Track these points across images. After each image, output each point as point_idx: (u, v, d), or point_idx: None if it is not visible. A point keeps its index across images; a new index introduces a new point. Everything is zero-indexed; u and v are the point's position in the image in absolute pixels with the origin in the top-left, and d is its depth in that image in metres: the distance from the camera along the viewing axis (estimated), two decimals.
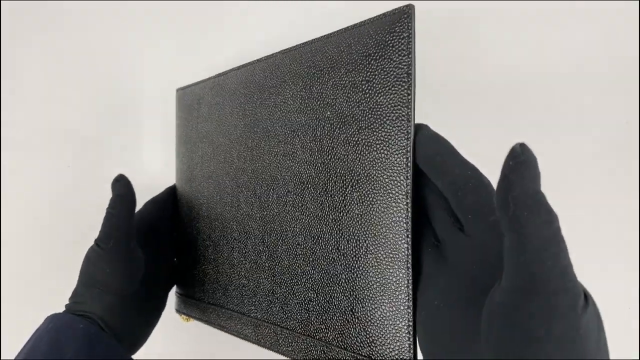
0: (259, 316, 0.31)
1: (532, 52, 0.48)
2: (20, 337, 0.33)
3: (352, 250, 0.25)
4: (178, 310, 0.41)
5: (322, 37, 0.28)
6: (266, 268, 0.31)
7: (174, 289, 0.42)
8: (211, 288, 0.36)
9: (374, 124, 0.24)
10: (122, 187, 0.34)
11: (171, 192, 0.42)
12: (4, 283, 0.54)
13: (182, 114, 0.42)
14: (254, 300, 0.32)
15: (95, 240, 0.34)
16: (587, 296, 0.18)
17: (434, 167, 0.22)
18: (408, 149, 0.23)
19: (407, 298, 0.23)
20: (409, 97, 0.23)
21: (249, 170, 0.32)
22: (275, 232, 0.30)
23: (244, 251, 0.33)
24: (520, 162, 0.17)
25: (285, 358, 0.29)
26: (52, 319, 0.32)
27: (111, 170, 0.37)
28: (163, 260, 0.39)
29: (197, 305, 0.38)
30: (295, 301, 0.28)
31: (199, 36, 0.50)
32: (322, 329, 0.26)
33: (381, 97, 0.24)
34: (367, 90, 0.25)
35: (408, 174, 0.23)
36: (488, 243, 0.21)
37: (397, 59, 0.23)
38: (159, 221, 0.39)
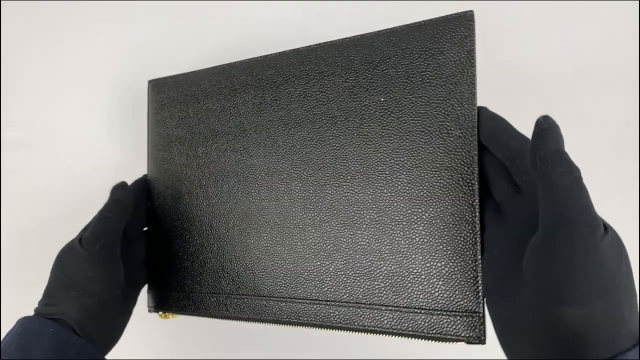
0: (309, 296, 0.31)
1: (531, 52, 0.48)
2: None
3: (425, 216, 0.28)
4: (156, 308, 0.39)
5: (368, 33, 0.31)
6: (317, 247, 0.31)
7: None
8: (211, 277, 0.36)
9: (442, 109, 0.28)
10: (123, 194, 0.34)
11: (137, 187, 0.40)
12: (4, 283, 0.54)
13: (170, 108, 0.40)
14: (298, 281, 0.32)
15: (81, 241, 0.33)
16: (607, 228, 0.21)
17: (496, 141, 0.26)
18: (475, 129, 0.28)
19: (474, 254, 0.27)
20: (474, 85, 0.28)
21: (289, 158, 0.33)
22: (339, 212, 0.31)
23: (282, 234, 0.33)
24: (543, 129, 0.22)
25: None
26: (22, 323, 0.31)
27: (111, 170, 0.37)
28: (135, 259, 0.38)
29: (188, 298, 0.37)
30: (356, 273, 0.30)
31: (202, 36, 0.50)
32: (389, 295, 0.29)
33: (445, 88, 0.28)
34: (429, 80, 0.29)
35: (475, 151, 0.27)
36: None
37: (462, 55, 0.28)
38: (128, 219, 0.37)
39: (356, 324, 0.30)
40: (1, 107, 0.55)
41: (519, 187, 0.26)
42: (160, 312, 0.39)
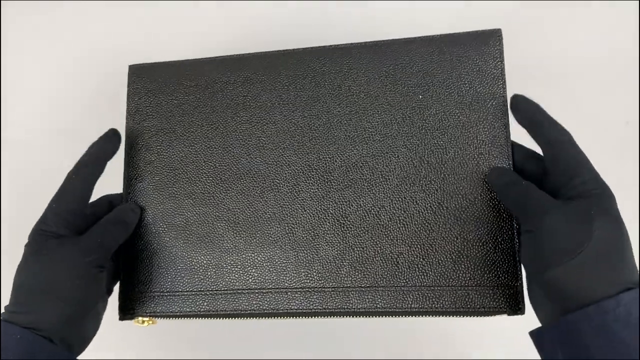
0: (358, 284, 0.32)
1: (531, 52, 0.48)
2: None
3: (462, 204, 0.32)
4: (139, 313, 0.35)
5: (401, 39, 0.35)
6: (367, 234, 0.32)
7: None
8: (215, 274, 0.34)
9: (475, 105, 0.33)
10: (133, 216, 0.35)
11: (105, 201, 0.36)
12: (4, 283, 0.54)
13: (169, 94, 0.38)
14: (334, 268, 0.32)
15: (77, 246, 0.30)
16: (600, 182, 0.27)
17: (533, 122, 0.30)
18: (507, 124, 0.33)
19: (511, 233, 0.31)
20: (504, 85, 0.33)
21: (334, 153, 0.34)
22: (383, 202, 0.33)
23: (319, 224, 0.33)
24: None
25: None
26: None
27: (111, 170, 0.37)
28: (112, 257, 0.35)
29: (182, 297, 0.34)
30: (403, 260, 0.31)
31: (206, 36, 0.50)
32: (436, 279, 0.31)
33: (480, 88, 0.33)
34: (464, 82, 0.34)
35: (509, 143, 0.32)
36: None
37: (493, 63, 0.34)
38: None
39: (403, 306, 0.31)
40: (1, 107, 0.55)
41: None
42: (142, 318, 0.35)
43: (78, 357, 0.31)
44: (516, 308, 0.30)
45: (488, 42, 0.34)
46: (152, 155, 0.37)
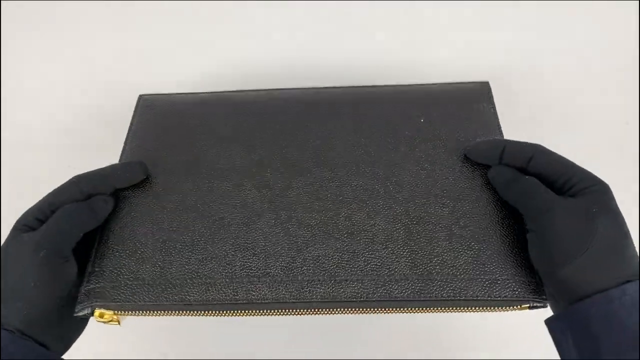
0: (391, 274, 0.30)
1: (531, 52, 0.48)
2: None
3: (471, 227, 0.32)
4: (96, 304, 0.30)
5: (405, 84, 0.40)
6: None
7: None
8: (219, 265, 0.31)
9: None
10: (103, 207, 0.32)
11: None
12: None
13: (178, 132, 0.38)
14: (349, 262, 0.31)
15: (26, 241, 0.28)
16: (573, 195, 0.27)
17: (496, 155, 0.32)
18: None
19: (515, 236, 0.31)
20: (499, 126, 0.36)
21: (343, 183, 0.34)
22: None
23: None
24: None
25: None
26: None
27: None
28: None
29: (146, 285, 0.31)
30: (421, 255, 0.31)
31: (208, 37, 0.50)
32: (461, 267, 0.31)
33: (476, 126, 0.36)
34: (462, 122, 0.36)
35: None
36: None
37: (488, 107, 0.38)
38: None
39: (429, 295, 0.29)
40: (1, 107, 0.55)
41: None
42: (114, 312, 0.31)
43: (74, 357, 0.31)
44: (540, 298, 0.29)
45: (481, 92, 0.38)
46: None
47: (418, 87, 0.40)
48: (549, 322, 0.28)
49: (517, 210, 0.30)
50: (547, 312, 0.29)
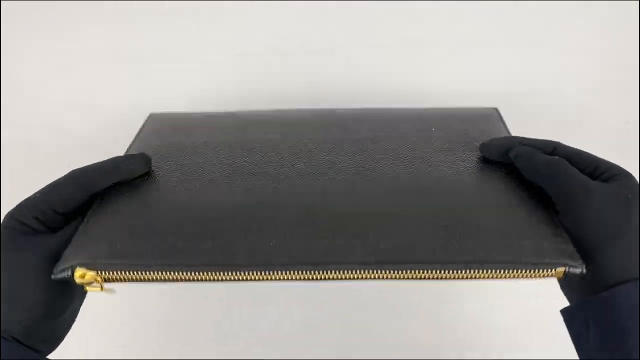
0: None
1: (531, 51, 0.48)
2: None
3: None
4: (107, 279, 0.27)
5: (419, 108, 0.42)
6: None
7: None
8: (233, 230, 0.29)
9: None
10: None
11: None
12: None
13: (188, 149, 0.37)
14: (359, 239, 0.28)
15: None
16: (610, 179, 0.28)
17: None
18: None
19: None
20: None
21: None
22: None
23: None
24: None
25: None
26: None
27: None
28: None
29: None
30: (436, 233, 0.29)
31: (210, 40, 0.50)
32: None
33: (489, 133, 0.37)
34: (476, 132, 0.38)
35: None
36: None
37: (499, 124, 0.39)
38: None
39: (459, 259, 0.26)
40: (1, 107, 0.55)
41: None
42: (97, 272, 0.26)
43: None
44: (576, 258, 0.26)
45: (489, 114, 0.40)
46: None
47: (430, 110, 0.42)
48: (568, 311, 0.27)
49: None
50: (547, 310, 0.29)
